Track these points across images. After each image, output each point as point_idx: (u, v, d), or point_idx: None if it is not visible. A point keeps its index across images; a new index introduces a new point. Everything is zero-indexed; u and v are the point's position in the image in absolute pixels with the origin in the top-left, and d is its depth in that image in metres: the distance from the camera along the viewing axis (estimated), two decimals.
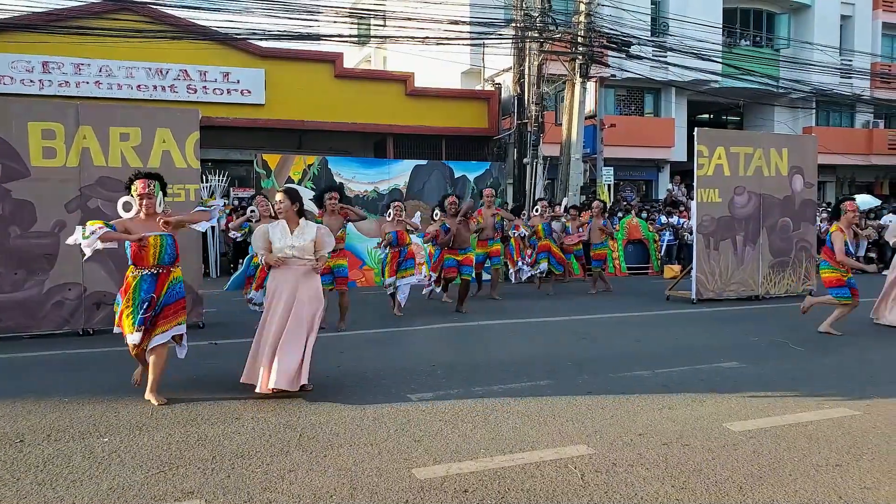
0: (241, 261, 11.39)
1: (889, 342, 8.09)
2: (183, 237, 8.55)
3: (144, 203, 5.35)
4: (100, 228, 5.15)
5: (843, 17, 28.32)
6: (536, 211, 13.06)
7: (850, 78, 26.40)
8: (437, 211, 10.92)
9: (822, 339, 8.20)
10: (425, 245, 12.38)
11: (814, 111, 28.20)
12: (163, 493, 3.66)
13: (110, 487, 3.74)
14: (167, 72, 17.72)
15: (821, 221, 17.03)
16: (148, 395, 5.33)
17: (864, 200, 19.87)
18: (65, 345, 7.81)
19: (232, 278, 10.56)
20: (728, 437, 4.58)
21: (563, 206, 14.48)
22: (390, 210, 10.08)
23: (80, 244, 5.17)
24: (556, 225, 13.42)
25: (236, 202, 18.30)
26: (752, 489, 3.74)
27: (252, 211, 8.78)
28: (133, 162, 8.55)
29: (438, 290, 11.19)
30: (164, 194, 5.56)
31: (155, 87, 17.62)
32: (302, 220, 5.72)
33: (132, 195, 5.38)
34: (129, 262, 5.31)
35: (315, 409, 5.19)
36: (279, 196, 5.83)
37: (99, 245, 5.17)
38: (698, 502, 3.59)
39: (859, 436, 4.61)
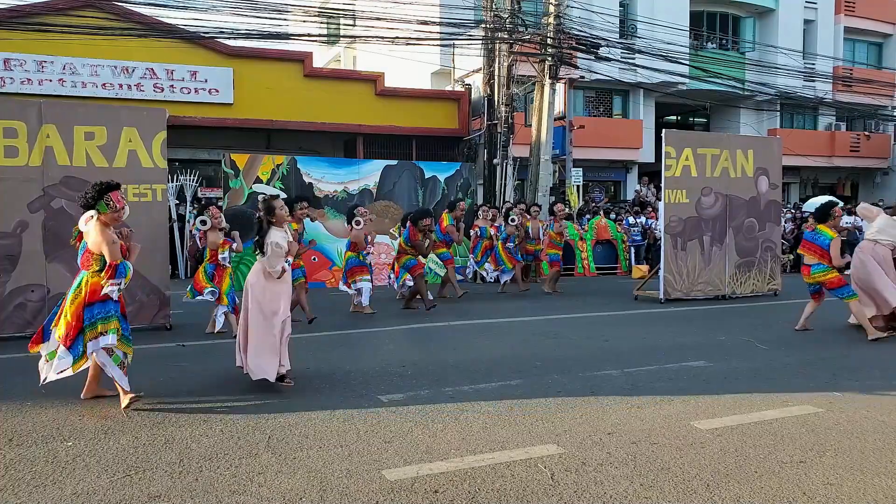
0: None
1: (850, 340, 8.25)
2: (150, 235, 8.47)
3: (119, 215, 5.31)
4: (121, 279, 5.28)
5: (807, 22, 28.83)
6: (513, 221, 12.95)
7: (813, 81, 26.90)
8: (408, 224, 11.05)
9: (786, 338, 8.34)
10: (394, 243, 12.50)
11: (778, 113, 28.69)
12: (129, 497, 3.61)
13: (74, 492, 3.67)
14: (133, 70, 17.46)
15: (785, 222, 17.33)
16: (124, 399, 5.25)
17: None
18: (27, 347, 7.63)
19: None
20: (695, 435, 4.63)
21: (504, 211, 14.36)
22: (358, 217, 10.06)
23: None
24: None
25: (204, 202, 18.09)
26: (718, 487, 3.79)
27: (203, 223, 8.51)
28: (98, 162, 8.42)
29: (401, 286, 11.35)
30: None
31: (121, 86, 17.35)
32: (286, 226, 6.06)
33: (102, 206, 5.19)
34: (100, 272, 5.20)
35: (284, 410, 5.15)
36: (281, 203, 6.01)
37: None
38: (667, 500, 3.63)
39: (822, 433, 4.70)
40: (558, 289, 13.26)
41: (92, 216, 5.19)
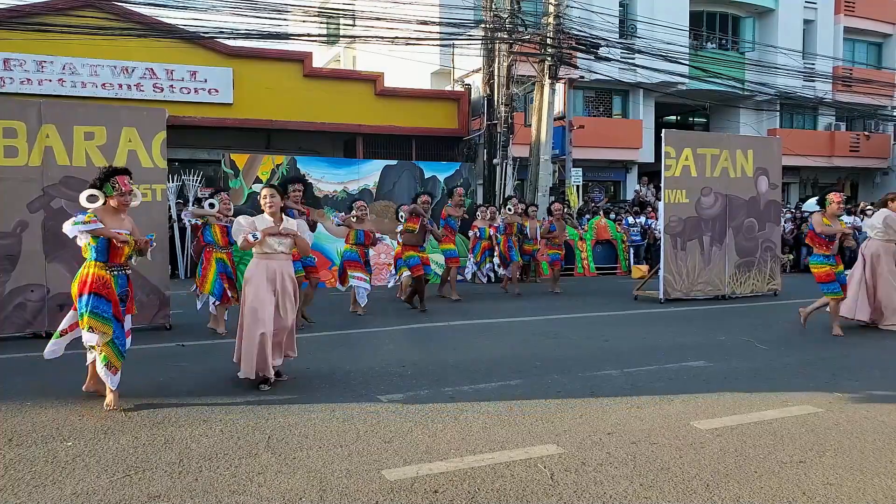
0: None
1: (850, 340, 8.25)
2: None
3: (126, 199, 5.37)
4: (93, 222, 5.15)
5: (806, 22, 28.86)
6: (509, 210, 13.10)
7: (812, 81, 26.91)
8: (401, 212, 11.06)
9: (786, 338, 8.34)
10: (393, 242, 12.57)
11: (778, 113, 28.71)
12: (129, 497, 3.61)
13: (74, 492, 3.67)
14: (133, 70, 17.46)
15: (785, 222, 17.33)
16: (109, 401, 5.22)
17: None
18: (27, 347, 7.63)
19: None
20: (695, 435, 4.63)
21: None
22: (354, 211, 10.06)
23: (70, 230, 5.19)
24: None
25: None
26: (718, 487, 3.79)
27: (212, 206, 8.63)
28: (98, 161, 8.40)
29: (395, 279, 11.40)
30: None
31: (120, 86, 17.34)
32: (283, 216, 5.99)
33: (108, 188, 5.30)
34: (97, 258, 5.20)
35: (284, 410, 5.16)
36: (268, 191, 5.95)
37: (85, 238, 5.19)
38: (666, 500, 3.62)
39: (822, 433, 4.70)
40: (558, 288, 13.27)
41: (94, 195, 5.27)
